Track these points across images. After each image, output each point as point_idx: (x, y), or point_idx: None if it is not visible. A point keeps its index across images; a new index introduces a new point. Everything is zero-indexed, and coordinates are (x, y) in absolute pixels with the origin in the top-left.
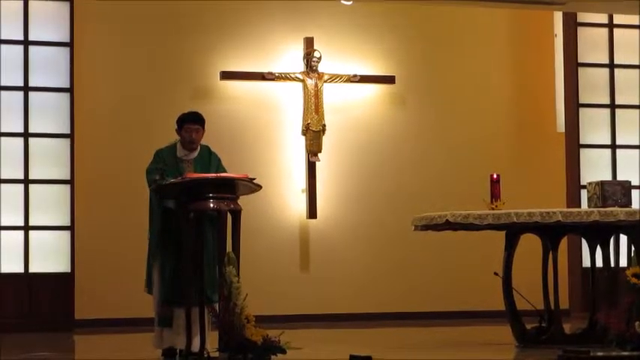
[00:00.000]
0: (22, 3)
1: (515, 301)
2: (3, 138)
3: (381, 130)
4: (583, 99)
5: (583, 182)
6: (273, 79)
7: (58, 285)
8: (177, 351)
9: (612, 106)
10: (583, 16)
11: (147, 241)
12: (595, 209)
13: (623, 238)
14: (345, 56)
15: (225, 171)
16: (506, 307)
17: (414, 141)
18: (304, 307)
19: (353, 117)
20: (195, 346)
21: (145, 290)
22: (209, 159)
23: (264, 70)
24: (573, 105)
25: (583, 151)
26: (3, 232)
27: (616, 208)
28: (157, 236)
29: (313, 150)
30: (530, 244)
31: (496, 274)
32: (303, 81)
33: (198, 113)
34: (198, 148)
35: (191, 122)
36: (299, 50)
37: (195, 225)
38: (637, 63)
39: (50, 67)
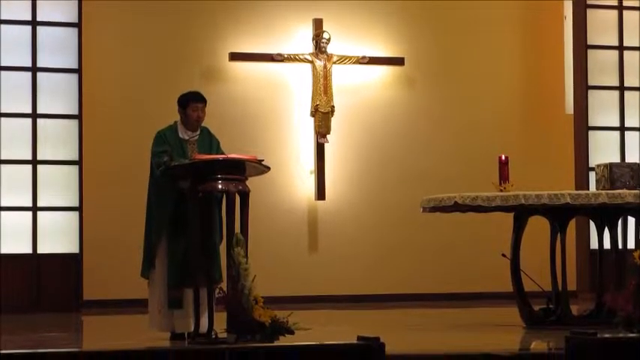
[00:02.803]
0: None
1: (523, 282)
2: (11, 119)
3: (389, 112)
4: (592, 81)
5: (591, 164)
6: (282, 61)
7: (66, 266)
8: (186, 333)
9: (621, 89)
10: None
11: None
12: (603, 191)
13: (631, 220)
14: (354, 38)
15: (224, 154)
16: (514, 288)
17: (423, 123)
18: (313, 289)
19: (362, 98)
20: (203, 327)
21: (143, 275)
22: (210, 140)
23: (273, 51)
24: (582, 87)
25: (592, 134)
26: (11, 212)
27: (624, 191)
28: (169, 217)
29: (322, 131)
30: (538, 226)
31: (504, 255)
32: (312, 62)
33: (200, 92)
34: (199, 129)
35: (197, 101)
36: (308, 31)
37: (204, 206)
38: None
39: (58, 47)
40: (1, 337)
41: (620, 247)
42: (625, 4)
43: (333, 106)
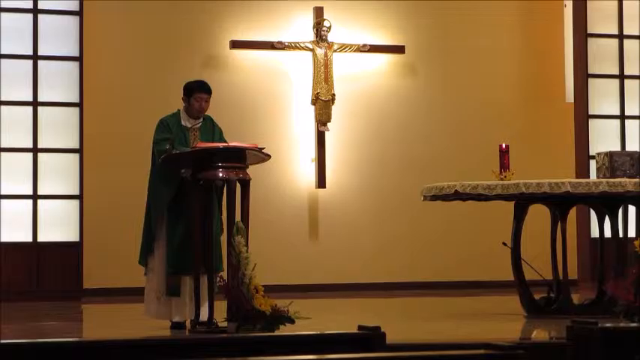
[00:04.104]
0: None
1: (524, 271)
2: (12, 106)
3: (390, 100)
4: (592, 69)
5: (592, 153)
6: (282, 49)
7: (67, 254)
8: (187, 321)
9: (621, 77)
10: None
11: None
12: (603, 180)
13: (632, 209)
14: (355, 26)
15: (226, 142)
16: (515, 277)
17: (424, 111)
18: (313, 277)
19: (362, 87)
20: (204, 315)
21: (141, 262)
22: (212, 129)
23: (274, 39)
24: (582, 75)
25: (592, 122)
26: (12, 200)
27: (624, 179)
28: (169, 205)
29: (322, 120)
30: (538, 215)
31: (505, 244)
32: (312, 50)
33: (207, 83)
34: (202, 117)
35: (202, 92)
36: (309, 19)
37: (204, 194)
38: None
39: (60, 35)
40: (0, 326)
41: (620, 235)
42: None
43: (334, 94)
